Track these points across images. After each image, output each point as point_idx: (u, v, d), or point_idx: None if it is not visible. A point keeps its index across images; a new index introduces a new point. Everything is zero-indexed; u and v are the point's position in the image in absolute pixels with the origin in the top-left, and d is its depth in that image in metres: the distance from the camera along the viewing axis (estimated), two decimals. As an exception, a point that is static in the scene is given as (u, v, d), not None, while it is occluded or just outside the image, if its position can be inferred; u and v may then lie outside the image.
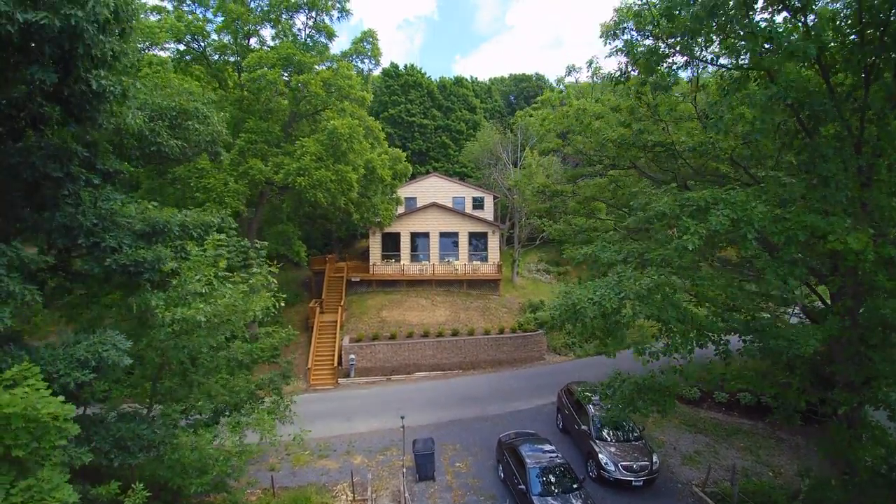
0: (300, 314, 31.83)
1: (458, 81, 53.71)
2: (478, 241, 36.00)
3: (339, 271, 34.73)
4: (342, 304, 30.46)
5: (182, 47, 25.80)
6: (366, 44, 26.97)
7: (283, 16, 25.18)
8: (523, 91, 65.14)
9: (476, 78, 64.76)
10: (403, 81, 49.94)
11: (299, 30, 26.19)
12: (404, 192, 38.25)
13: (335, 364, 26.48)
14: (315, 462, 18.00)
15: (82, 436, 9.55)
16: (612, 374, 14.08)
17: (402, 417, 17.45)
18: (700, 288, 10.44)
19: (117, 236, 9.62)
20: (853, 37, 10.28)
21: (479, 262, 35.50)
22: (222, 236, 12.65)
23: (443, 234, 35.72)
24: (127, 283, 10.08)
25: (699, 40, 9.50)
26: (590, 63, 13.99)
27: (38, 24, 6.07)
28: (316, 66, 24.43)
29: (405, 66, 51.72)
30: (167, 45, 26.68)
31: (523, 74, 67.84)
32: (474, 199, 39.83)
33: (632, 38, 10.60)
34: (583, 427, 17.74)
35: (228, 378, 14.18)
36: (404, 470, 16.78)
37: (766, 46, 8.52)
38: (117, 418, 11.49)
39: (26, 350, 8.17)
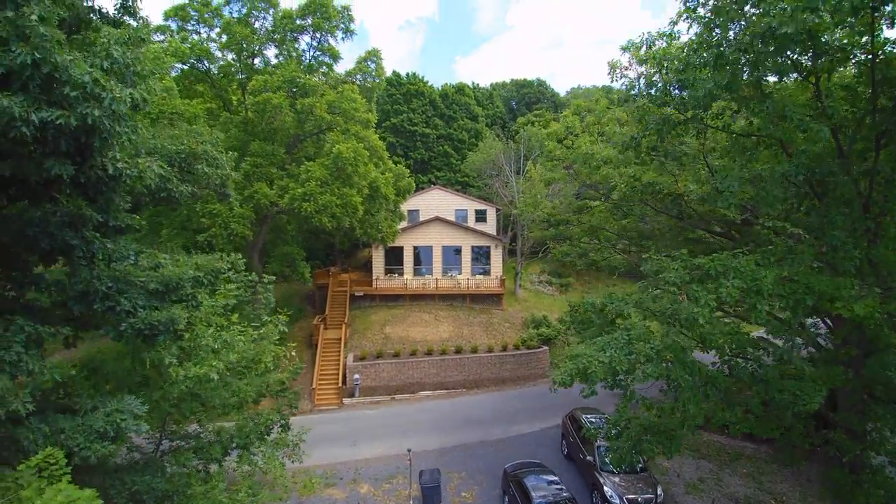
0: (304, 330, 31.95)
1: (460, 90, 53.66)
2: (481, 255, 36.11)
3: (342, 285, 34.85)
4: (346, 320, 30.55)
5: (186, 67, 25.82)
6: (370, 63, 27.01)
7: (288, 37, 25.19)
8: (525, 97, 65.13)
9: (478, 84, 64.75)
10: (406, 90, 49.90)
11: (304, 50, 26.24)
12: (407, 204, 38.30)
13: (340, 383, 26.60)
14: (322, 491, 18.13)
15: (99, 489, 9.72)
16: (618, 411, 14.17)
17: (409, 451, 17.57)
18: (708, 341, 10.55)
19: (131, 297, 9.69)
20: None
21: (481, 276, 35.63)
22: (231, 278, 12.81)
23: (446, 248, 35.83)
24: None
25: (713, 110, 9.60)
26: (596, 112, 14.00)
27: (54, 123, 6.13)
28: (321, 86, 24.44)
29: (407, 74, 51.67)
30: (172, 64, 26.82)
31: (524, 80, 67.78)
32: (477, 212, 39.93)
33: (645, 104, 10.68)
34: (587, 457, 17.87)
35: (238, 417, 14.31)
36: (410, 501, 16.92)
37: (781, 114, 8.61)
38: (128, 465, 11.64)
39: (46, 422, 8.27)
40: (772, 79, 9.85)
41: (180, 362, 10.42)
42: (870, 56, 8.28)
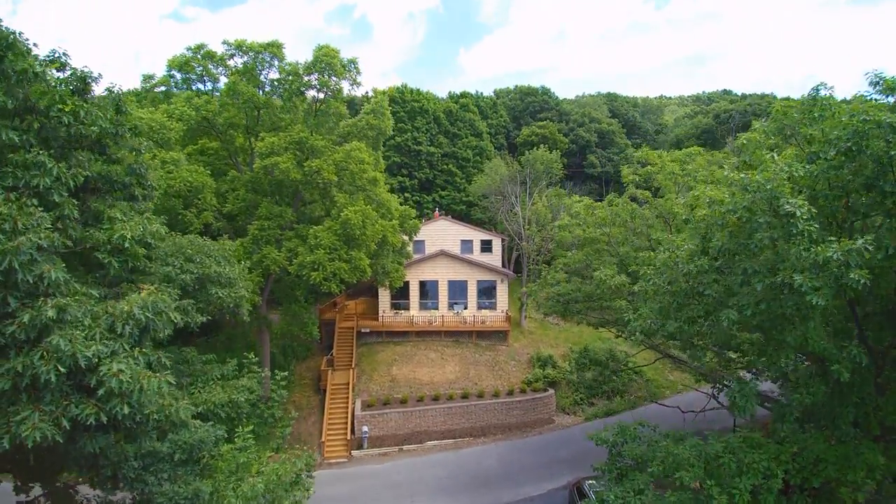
0: (311, 370, 32.28)
1: (464, 106, 53.07)
2: (486, 290, 36.25)
3: (349, 318, 35.12)
4: (353, 364, 30.80)
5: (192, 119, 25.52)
6: (377, 114, 26.74)
7: (295, 92, 24.86)
8: (529, 105, 64.33)
9: (482, 93, 63.98)
10: (410, 108, 49.37)
11: (310, 105, 25.93)
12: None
13: (348, 434, 26.99)
14: (335, 570, 18.59)
15: None
16: None
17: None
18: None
19: (157, 470, 9.86)
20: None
21: (487, 311, 35.82)
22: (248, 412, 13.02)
23: (451, 283, 35.96)
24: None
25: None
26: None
27: (84, 421, 6.20)
28: (328, 146, 24.23)
29: (411, 90, 51.11)
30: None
31: (528, 87, 66.97)
32: (482, 242, 39.88)
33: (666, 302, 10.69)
34: (595, 541, 18.25)
35: None
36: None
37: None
38: None
39: None
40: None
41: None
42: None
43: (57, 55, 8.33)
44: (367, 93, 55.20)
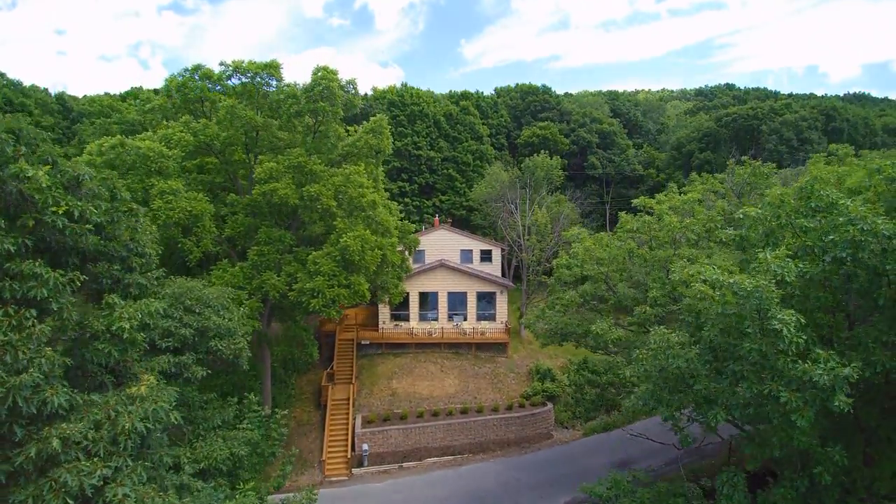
0: (312, 384, 32.53)
1: (465, 108, 52.71)
2: (486, 301, 36.38)
3: (349, 329, 35.31)
4: (353, 379, 31.03)
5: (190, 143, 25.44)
6: (376, 133, 26.61)
7: (293, 115, 24.71)
8: (530, 105, 63.83)
9: (482, 92, 63.60)
10: (409, 112, 49.06)
11: (308, 125, 25.79)
12: (412, 245, 38.22)
13: (348, 451, 27.30)
14: None
15: None
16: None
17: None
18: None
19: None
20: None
21: (487, 322, 35.99)
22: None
23: (451, 294, 36.09)
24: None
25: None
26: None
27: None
28: (326, 171, 24.18)
29: (411, 92, 50.80)
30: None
31: (530, 85, 66.41)
32: (482, 252, 39.85)
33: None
34: (591, 571, 18.60)
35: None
36: None
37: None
38: None
39: None
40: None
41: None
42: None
43: (46, 159, 8.28)
44: (366, 93, 55.01)
